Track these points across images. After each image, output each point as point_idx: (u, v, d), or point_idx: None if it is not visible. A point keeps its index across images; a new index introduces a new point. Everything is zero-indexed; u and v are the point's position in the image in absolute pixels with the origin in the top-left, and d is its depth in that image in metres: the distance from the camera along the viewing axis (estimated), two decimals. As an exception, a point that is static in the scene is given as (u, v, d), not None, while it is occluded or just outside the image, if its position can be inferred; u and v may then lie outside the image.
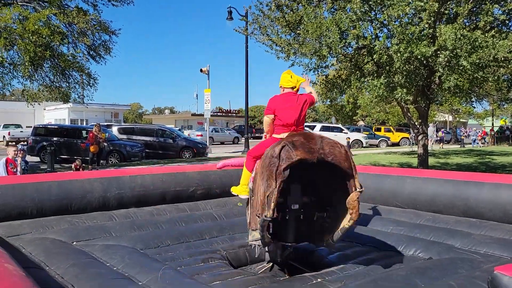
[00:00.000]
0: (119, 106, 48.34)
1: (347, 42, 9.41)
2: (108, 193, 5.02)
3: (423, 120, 11.24)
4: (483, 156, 20.82)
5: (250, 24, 11.14)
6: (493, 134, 37.14)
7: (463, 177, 5.13)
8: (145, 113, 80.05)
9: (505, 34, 8.64)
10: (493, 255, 3.72)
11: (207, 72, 23.32)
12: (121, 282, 2.99)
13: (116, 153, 16.78)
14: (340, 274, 3.45)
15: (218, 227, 4.75)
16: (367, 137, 31.91)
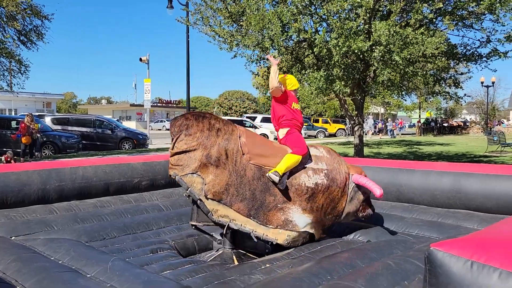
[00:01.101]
0: (51, 95, 45.84)
1: (289, 35, 9.63)
2: (47, 186, 4.83)
3: (359, 111, 11.78)
4: (412, 146, 22.19)
5: (193, 14, 11.04)
6: (420, 125, 39.55)
7: (396, 165, 5.49)
8: (80, 103, 76.55)
9: (433, 31, 9.25)
10: (423, 236, 4.06)
11: (146, 62, 22.77)
12: (68, 275, 2.93)
13: (50, 144, 16.00)
14: (287, 259, 3.61)
15: (165, 217, 4.75)
16: (306, 128, 32.78)
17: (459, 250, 1.80)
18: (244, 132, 3.93)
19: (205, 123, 3.81)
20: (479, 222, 4.13)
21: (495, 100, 47.77)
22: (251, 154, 3.76)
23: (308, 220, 3.86)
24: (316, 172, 3.95)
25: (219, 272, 3.32)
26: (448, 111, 49.37)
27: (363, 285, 2.74)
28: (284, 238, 3.75)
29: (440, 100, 36.56)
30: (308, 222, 3.86)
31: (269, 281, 2.90)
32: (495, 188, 4.24)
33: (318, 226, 3.96)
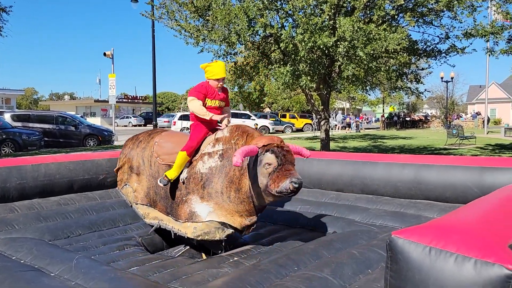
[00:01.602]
0: (10, 91, 44.16)
1: (255, 30, 9.65)
2: (7, 184, 4.67)
3: (325, 106, 11.96)
4: (376, 140, 22.73)
5: (158, 8, 10.89)
6: (384, 119, 40.56)
7: (361, 158, 5.62)
8: (41, 99, 74.05)
9: (395, 28, 9.49)
10: (387, 226, 4.18)
11: (111, 56, 22.28)
12: (31, 274, 2.86)
13: (10, 142, 15.41)
14: (255, 251, 3.65)
15: (131, 214, 4.68)
16: (274, 123, 33.03)
17: (418, 237, 1.87)
18: (163, 135, 4.12)
19: (134, 140, 4.38)
20: (439, 211, 4.29)
21: (454, 95, 49.59)
22: (161, 155, 3.97)
23: (209, 208, 3.58)
24: (211, 155, 3.64)
25: (188, 267, 3.32)
26: (410, 105, 50.84)
27: (329, 274, 2.81)
28: (191, 231, 3.62)
29: (402, 95, 37.56)
30: (209, 211, 3.58)
31: (237, 274, 2.93)
32: (453, 178, 4.41)
33: (227, 213, 3.55)
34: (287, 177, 3.21)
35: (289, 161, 3.34)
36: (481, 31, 9.30)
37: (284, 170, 3.26)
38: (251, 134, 3.59)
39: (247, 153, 3.25)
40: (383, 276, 2.71)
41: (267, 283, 2.80)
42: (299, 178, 3.23)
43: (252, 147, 3.30)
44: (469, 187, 4.24)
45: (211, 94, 3.84)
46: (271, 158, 3.28)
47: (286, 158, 3.31)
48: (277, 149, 3.32)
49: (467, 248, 1.76)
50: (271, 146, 3.32)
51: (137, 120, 49.30)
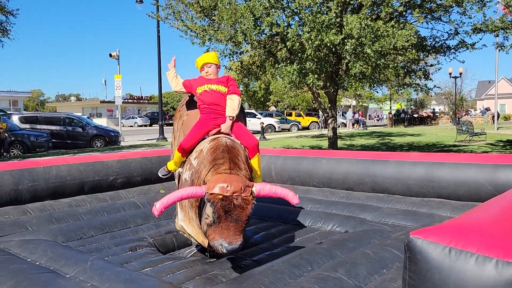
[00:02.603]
0: (17, 93, 44.49)
1: (261, 29, 9.64)
2: (20, 186, 4.71)
3: (332, 104, 11.93)
4: (383, 137, 22.64)
5: (164, 9, 10.90)
6: (391, 117, 40.37)
7: (371, 156, 5.59)
8: (48, 101, 74.55)
9: (403, 24, 9.44)
10: (399, 225, 4.16)
11: (117, 57, 22.36)
12: (47, 276, 2.87)
13: (19, 144, 15.53)
14: (267, 252, 3.64)
15: (142, 215, 4.70)
16: (279, 121, 32.99)
17: (437, 237, 1.85)
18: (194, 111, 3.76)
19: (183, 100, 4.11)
20: (452, 209, 4.26)
21: (462, 91, 49.25)
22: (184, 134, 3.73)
23: (181, 216, 3.46)
24: (190, 168, 3.32)
25: (200, 267, 3.32)
26: (418, 102, 50.56)
27: (344, 274, 2.80)
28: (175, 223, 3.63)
29: (410, 91, 37.39)
30: (181, 218, 3.46)
31: (251, 275, 2.92)
32: (466, 176, 4.38)
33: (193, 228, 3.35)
34: (220, 238, 2.77)
35: (233, 219, 2.79)
36: (491, 26, 9.22)
37: (221, 229, 2.79)
38: (219, 165, 3.02)
39: (177, 199, 2.87)
40: (399, 276, 2.70)
41: (281, 284, 2.79)
42: (231, 244, 2.75)
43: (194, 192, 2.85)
44: (483, 184, 4.21)
45: (198, 83, 3.55)
46: (209, 211, 2.83)
47: (228, 214, 2.77)
48: (220, 202, 2.77)
49: (488, 248, 1.74)
50: (215, 197, 2.78)
51: (142, 120, 49.48)
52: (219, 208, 2.77)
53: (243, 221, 2.84)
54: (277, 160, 6.03)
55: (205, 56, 3.61)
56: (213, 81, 3.52)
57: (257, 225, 4.48)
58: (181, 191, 2.88)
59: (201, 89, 3.50)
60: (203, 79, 3.56)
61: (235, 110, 3.43)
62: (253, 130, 28.40)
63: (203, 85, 3.50)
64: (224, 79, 3.55)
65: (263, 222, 4.60)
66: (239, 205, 2.80)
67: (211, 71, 3.56)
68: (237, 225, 2.81)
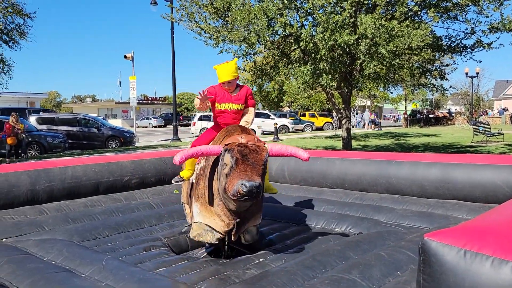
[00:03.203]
0: (35, 94, 45.27)
1: (275, 29, 9.64)
2: (36, 186, 4.79)
3: (346, 105, 11.87)
4: (398, 138, 22.42)
5: (178, 10, 10.98)
6: (406, 117, 39.95)
7: (385, 157, 5.55)
8: (64, 102, 75.66)
9: (418, 24, 9.34)
10: (414, 227, 4.11)
11: (131, 59, 22.58)
12: (63, 275, 2.92)
13: (35, 144, 15.79)
14: (280, 253, 3.63)
15: (156, 215, 4.74)
16: (293, 122, 32.91)
17: (452, 239, 1.83)
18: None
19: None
20: (468, 211, 4.20)
21: (479, 91, 48.52)
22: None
23: (197, 209, 3.50)
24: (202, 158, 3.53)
25: (213, 268, 3.33)
26: (434, 102, 49.97)
27: (357, 276, 2.78)
28: (191, 232, 3.61)
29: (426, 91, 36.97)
30: (197, 212, 3.49)
31: (264, 276, 2.92)
32: (483, 177, 4.31)
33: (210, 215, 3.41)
34: (239, 179, 2.87)
35: (250, 162, 2.95)
36: (508, 25, 9.07)
37: (239, 171, 2.91)
38: (230, 134, 3.30)
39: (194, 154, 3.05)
40: (413, 278, 2.66)
41: (294, 285, 2.78)
42: (251, 180, 2.84)
43: (211, 149, 3.10)
44: (500, 186, 4.14)
45: (221, 98, 3.66)
46: (227, 158, 2.99)
47: (245, 158, 2.95)
48: (237, 147, 2.98)
49: (504, 251, 1.71)
50: (231, 146, 3.02)
51: (157, 121, 49.85)
52: (236, 152, 2.96)
53: (259, 166, 3.00)
54: (290, 161, 6.01)
55: (225, 71, 3.60)
56: (233, 99, 3.68)
57: (270, 226, 4.47)
58: (199, 146, 3.10)
59: (221, 107, 3.68)
60: (224, 93, 3.68)
61: (248, 123, 3.63)
62: (267, 130, 28.38)
63: (224, 103, 3.67)
64: (243, 95, 3.71)
65: (276, 223, 4.59)
66: (254, 150, 3.01)
67: (231, 87, 3.68)
68: (254, 168, 2.97)
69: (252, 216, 3.47)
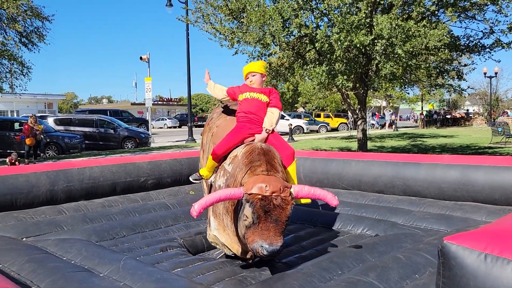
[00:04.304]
0: (52, 96, 46.01)
1: (290, 30, 9.63)
2: (55, 187, 4.87)
3: (362, 105, 11.79)
4: (415, 139, 22.17)
5: (193, 12, 11.05)
6: (423, 118, 39.47)
7: (402, 158, 5.49)
8: (81, 103, 76.72)
9: (435, 24, 9.24)
10: (432, 229, 4.06)
11: (147, 60, 22.78)
12: (82, 274, 2.96)
13: (53, 145, 16.05)
14: (295, 254, 3.63)
15: (172, 215, 4.77)
16: (308, 123, 32.81)
17: (472, 242, 1.81)
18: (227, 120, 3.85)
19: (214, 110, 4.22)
20: (487, 214, 4.13)
21: (498, 91, 47.65)
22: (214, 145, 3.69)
23: (215, 225, 3.40)
24: (224, 174, 3.30)
25: (230, 269, 3.35)
26: (451, 103, 49.28)
27: (374, 279, 2.76)
28: (208, 235, 3.59)
29: (443, 92, 36.48)
30: (215, 227, 3.41)
31: (280, 277, 2.92)
32: (503, 179, 4.24)
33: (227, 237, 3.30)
34: (260, 239, 2.71)
35: (272, 219, 2.74)
36: (528, 25, 8.91)
37: (260, 230, 2.73)
38: (256, 167, 3.00)
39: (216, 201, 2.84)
40: (431, 281, 2.64)
41: (310, 287, 2.77)
42: (271, 245, 2.69)
43: (232, 193, 2.83)
44: (520, 188, 4.06)
45: (243, 90, 3.56)
46: (248, 212, 2.77)
47: (268, 214, 2.73)
48: (259, 202, 2.72)
49: (526, 255, 1.68)
50: (254, 197, 2.74)
51: (172, 122, 50.17)
52: (258, 208, 2.72)
53: (283, 222, 2.79)
54: (305, 162, 5.99)
55: (251, 65, 3.60)
56: (255, 90, 3.50)
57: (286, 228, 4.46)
58: (219, 192, 2.84)
59: (242, 97, 3.51)
60: (246, 86, 3.56)
61: (273, 125, 3.40)
62: (281, 131, 28.35)
63: (245, 93, 3.51)
64: (267, 90, 3.54)
65: (292, 224, 4.57)
66: (278, 205, 2.74)
67: (255, 80, 3.54)
68: (277, 226, 2.75)
69: None
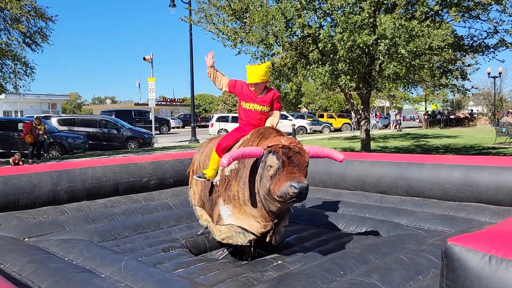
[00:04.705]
0: (56, 96, 46.13)
1: (293, 30, 9.60)
2: (58, 187, 4.87)
3: (365, 105, 11.74)
4: (418, 139, 22.09)
5: (196, 12, 11.04)
6: (426, 118, 39.31)
7: (405, 159, 5.46)
8: (85, 103, 76.93)
9: (439, 23, 9.19)
10: (435, 230, 4.03)
11: (150, 60, 22.80)
12: (83, 275, 2.95)
13: (57, 145, 16.08)
14: (298, 255, 3.61)
15: (175, 216, 4.76)
16: (311, 123, 32.73)
17: (476, 244, 1.79)
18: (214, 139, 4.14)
19: (202, 145, 4.37)
20: (491, 215, 4.10)
21: (502, 91, 47.41)
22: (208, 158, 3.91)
23: (228, 211, 3.49)
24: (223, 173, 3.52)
25: (232, 269, 3.33)
26: (455, 103, 49.09)
27: (377, 280, 2.73)
28: (218, 233, 3.60)
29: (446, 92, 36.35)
30: (228, 214, 3.48)
31: (283, 278, 2.90)
32: (507, 180, 4.20)
33: (244, 217, 3.41)
34: (287, 180, 2.94)
35: (295, 163, 3.03)
36: (533, 24, 8.85)
37: (286, 173, 2.98)
38: (267, 135, 3.36)
39: (243, 156, 3.11)
40: (435, 283, 2.61)
41: (313, 288, 2.75)
42: (300, 182, 2.92)
43: (254, 150, 3.12)
44: (525, 189, 4.03)
45: (246, 97, 3.70)
46: (272, 160, 3.04)
47: (290, 159, 3.02)
48: (281, 149, 3.04)
49: (532, 257, 1.66)
50: (275, 147, 3.07)
51: (175, 122, 50.18)
52: (281, 154, 3.02)
53: (304, 167, 3.08)
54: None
55: (255, 73, 3.61)
56: (258, 100, 3.67)
57: (289, 227, 4.44)
58: (241, 149, 3.12)
59: (246, 105, 3.70)
60: (251, 93, 3.69)
61: (273, 126, 3.66)
62: (284, 131, 28.27)
63: (249, 103, 3.68)
64: (269, 98, 3.70)
65: (295, 225, 4.56)
66: (297, 152, 3.07)
67: (258, 89, 3.67)
68: (300, 169, 3.04)
69: (283, 218, 3.52)
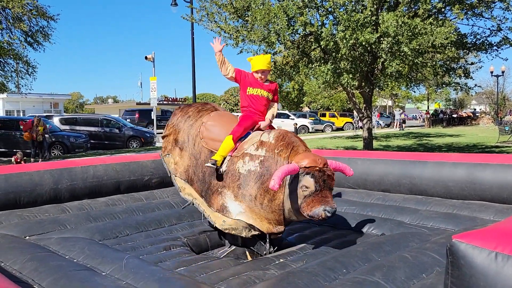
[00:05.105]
0: (58, 95, 46.16)
1: (295, 29, 9.57)
2: (59, 185, 4.85)
3: (367, 104, 11.71)
4: (421, 138, 22.03)
5: (198, 11, 11.01)
6: (429, 117, 39.20)
7: (408, 157, 5.43)
8: (87, 103, 77.03)
9: (442, 21, 9.14)
10: (439, 228, 4.00)
11: (152, 60, 22.78)
12: (84, 273, 2.93)
13: (59, 144, 16.09)
14: (301, 253, 3.58)
15: (176, 214, 4.74)
16: (313, 122, 32.68)
17: (482, 241, 1.76)
18: (212, 116, 4.07)
19: (184, 111, 4.29)
20: (495, 213, 4.07)
21: (505, 90, 47.27)
22: (206, 138, 3.94)
23: (240, 209, 3.57)
24: (252, 158, 3.58)
25: (233, 268, 3.31)
26: (457, 102, 48.97)
27: (381, 278, 2.71)
28: (220, 223, 3.64)
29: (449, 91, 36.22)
30: (240, 211, 3.56)
31: (285, 276, 2.87)
32: (511, 178, 4.17)
33: (256, 217, 3.53)
34: (322, 204, 3.19)
35: (328, 187, 3.29)
36: (536, 22, 8.79)
37: (321, 197, 3.23)
38: (296, 148, 3.49)
39: (286, 175, 3.24)
40: (439, 281, 2.58)
41: (315, 286, 2.73)
42: (333, 207, 3.20)
43: (292, 168, 3.25)
44: (529, 187, 3.99)
45: (253, 83, 3.84)
46: (310, 182, 3.24)
47: (325, 183, 3.26)
48: (318, 173, 3.24)
49: (538, 254, 1.63)
50: (313, 169, 3.24)
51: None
52: (319, 178, 3.23)
53: (332, 189, 3.36)
54: (311, 161, 5.94)
55: (261, 61, 3.84)
56: (264, 87, 3.85)
57: (291, 226, 4.42)
58: (283, 169, 3.22)
59: (252, 91, 3.83)
60: (256, 81, 3.86)
61: (273, 117, 3.93)
62: (287, 131, 28.21)
63: (256, 88, 3.83)
64: (273, 87, 3.92)
65: (298, 223, 4.53)
66: (330, 175, 3.31)
67: (265, 76, 3.88)
68: (331, 193, 3.32)
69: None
